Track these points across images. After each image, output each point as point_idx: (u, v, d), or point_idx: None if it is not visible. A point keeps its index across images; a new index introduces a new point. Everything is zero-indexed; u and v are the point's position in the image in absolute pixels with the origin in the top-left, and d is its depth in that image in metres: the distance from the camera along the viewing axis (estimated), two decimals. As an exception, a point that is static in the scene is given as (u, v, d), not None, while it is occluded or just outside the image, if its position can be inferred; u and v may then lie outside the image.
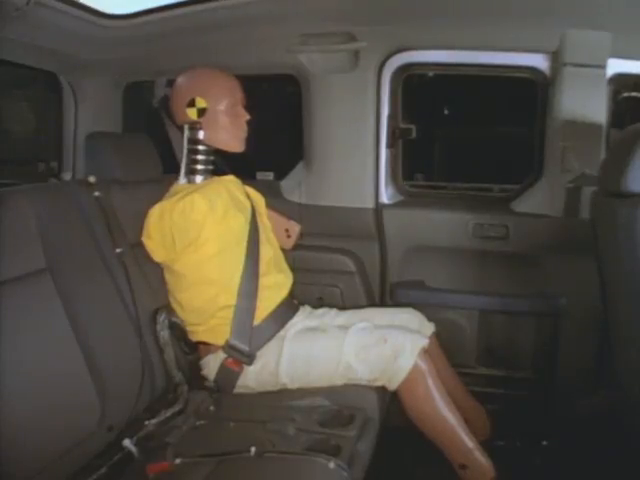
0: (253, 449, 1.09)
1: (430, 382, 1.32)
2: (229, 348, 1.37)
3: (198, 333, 1.43)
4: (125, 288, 1.31)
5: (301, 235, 1.72)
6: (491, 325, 1.83)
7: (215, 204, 1.37)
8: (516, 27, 1.60)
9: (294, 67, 1.84)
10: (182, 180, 1.47)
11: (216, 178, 1.49)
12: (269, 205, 1.66)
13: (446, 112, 3.61)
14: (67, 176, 2.03)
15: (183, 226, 1.34)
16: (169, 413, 1.29)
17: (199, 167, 1.45)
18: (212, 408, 1.31)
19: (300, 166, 1.96)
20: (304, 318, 1.54)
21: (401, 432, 1.43)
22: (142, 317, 1.32)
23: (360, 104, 1.80)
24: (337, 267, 1.86)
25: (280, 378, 1.38)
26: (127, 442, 1.17)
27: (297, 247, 1.76)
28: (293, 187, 1.94)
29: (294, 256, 1.73)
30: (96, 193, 1.35)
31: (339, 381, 1.36)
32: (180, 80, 1.47)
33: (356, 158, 1.83)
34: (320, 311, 1.61)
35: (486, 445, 1.39)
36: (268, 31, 1.76)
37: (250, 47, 1.81)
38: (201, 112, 1.41)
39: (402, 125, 1.88)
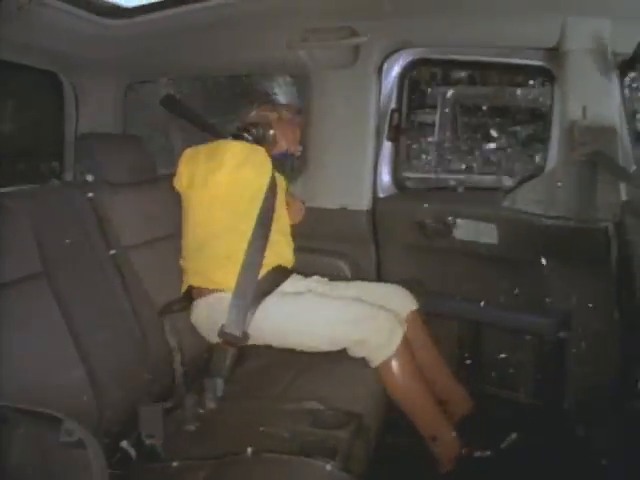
0: (249, 450, 1.08)
1: (407, 364, 1.42)
2: (224, 334, 1.41)
3: (193, 275, 1.51)
4: (120, 291, 1.31)
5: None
6: (489, 337, 1.76)
7: (241, 154, 1.56)
8: (516, 22, 1.56)
9: (295, 64, 1.83)
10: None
11: (252, 145, 1.66)
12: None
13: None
14: (69, 176, 2.03)
15: (206, 164, 1.53)
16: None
17: (246, 135, 1.66)
18: (206, 411, 1.30)
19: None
20: (294, 282, 1.62)
21: (397, 435, 1.42)
22: (137, 319, 1.32)
23: (360, 100, 1.78)
24: (331, 271, 1.83)
25: (263, 332, 1.44)
26: (125, 444, 1.17)
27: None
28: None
29: None
30: (89, 194, 1.36)
31: (321, 345, 1.43)
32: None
33: (354, 155, 1.82)
34: (311, 279, 1.69)
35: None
36: (269, 28, 1.75)
37: (251, 44, 1.81)
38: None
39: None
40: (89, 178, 1.39)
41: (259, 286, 1.47)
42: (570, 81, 1.53)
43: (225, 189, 1.52)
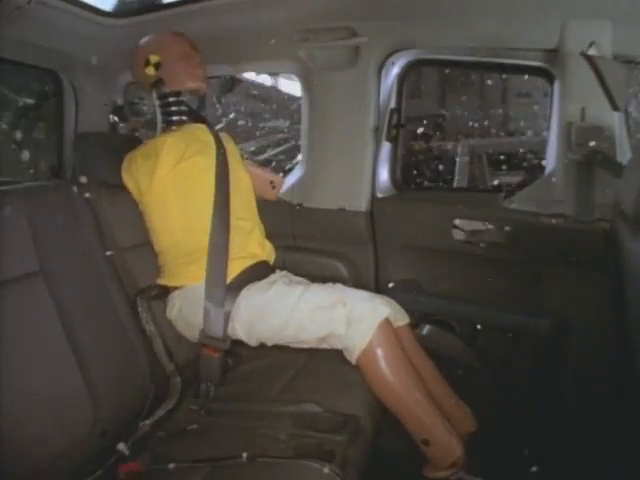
0: (245, 455, 1.08)
1: (391, 354, 1.27)
2: (205, 339, 1.38)
3: (166, 275, 1.46)
4: (116, 291, 1.31)
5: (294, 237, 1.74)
6: (487, 338, 1.74)
7: (178, 145, 1.43)
8: (516, 23, 1.56)
9: (295, 64, 1.83)
10: (158, 133, 1.51)
11: (187, 126, 1.53)
12: (250, 163, 1.72)
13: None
14: (67, 176, 2.02)
15: (144, 166, 1.42)
16: (162, 412, 1.30)
17: (175, 118, 1.52)
18: (203, 413, 1.30)
19: (296, 167, 1.95)
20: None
21: (394, 438, 1.42)
22: (134, 320, 1.32)
23: (360, 100, 1.78)
24: (329, 272, 1.83)
25: (235, 330, 1.37)
26: (121, 446, 1.16)
27: (288, 249, 1.77)
28: (287, 187, 1.91)
29: (284, 258, 1.73)
30: (86, 194, 1.35)
31: (288, 336, 1.35)
32: (134, 52, 1.57)
33: (353, 156, 1.81)
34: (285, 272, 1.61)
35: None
36: (269, 28, 1.75)
37: (251, 44, 1.80)
38: (157, 66, 1.50)
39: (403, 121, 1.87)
40: (83, 180, 1.38)
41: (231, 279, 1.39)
42: (569, 82, 1.53)
43: (171, 183, 1.42)
